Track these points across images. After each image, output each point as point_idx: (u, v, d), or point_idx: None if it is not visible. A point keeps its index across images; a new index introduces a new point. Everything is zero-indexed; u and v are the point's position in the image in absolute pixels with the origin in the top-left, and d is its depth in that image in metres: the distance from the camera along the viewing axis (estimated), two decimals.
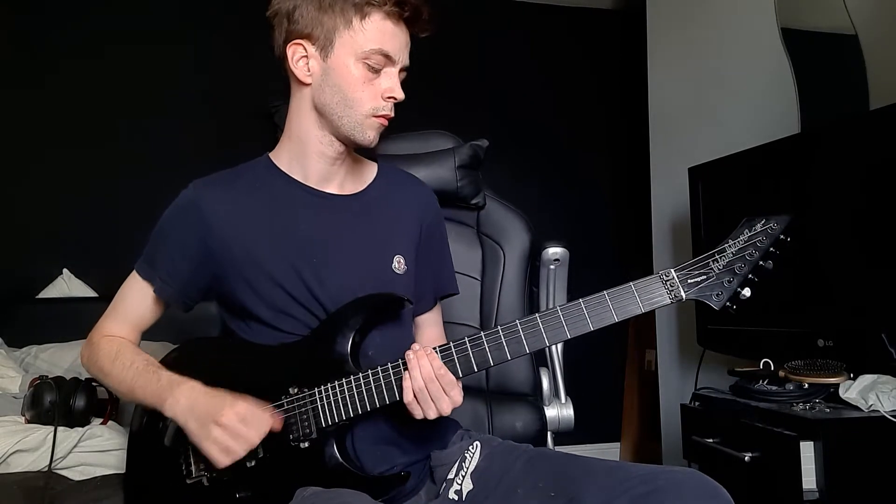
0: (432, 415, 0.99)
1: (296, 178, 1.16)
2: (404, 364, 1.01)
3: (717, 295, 0.96)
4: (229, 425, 0.98)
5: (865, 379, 1.42)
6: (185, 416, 1.02)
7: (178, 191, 1.19)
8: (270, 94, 2.31)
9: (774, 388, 1.51)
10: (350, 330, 1.06)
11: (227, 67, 2.75)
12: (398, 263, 1.17)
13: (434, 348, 1.01)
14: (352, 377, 1.03)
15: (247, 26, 2.75)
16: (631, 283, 0.98)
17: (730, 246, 0.98)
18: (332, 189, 1.18)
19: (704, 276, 0.97)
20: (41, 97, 2.55)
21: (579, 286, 1.88)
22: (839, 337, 1.53)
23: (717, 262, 0.97)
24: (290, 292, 1.10)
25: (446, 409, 0.99)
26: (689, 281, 0.97)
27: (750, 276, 0.96)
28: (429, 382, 0.98)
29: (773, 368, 1.61)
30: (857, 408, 1.38)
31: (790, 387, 1.50)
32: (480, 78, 3.08)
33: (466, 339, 1.01)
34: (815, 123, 1.88)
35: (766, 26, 2.06)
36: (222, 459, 0.99)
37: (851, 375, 1.47)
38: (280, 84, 1.19)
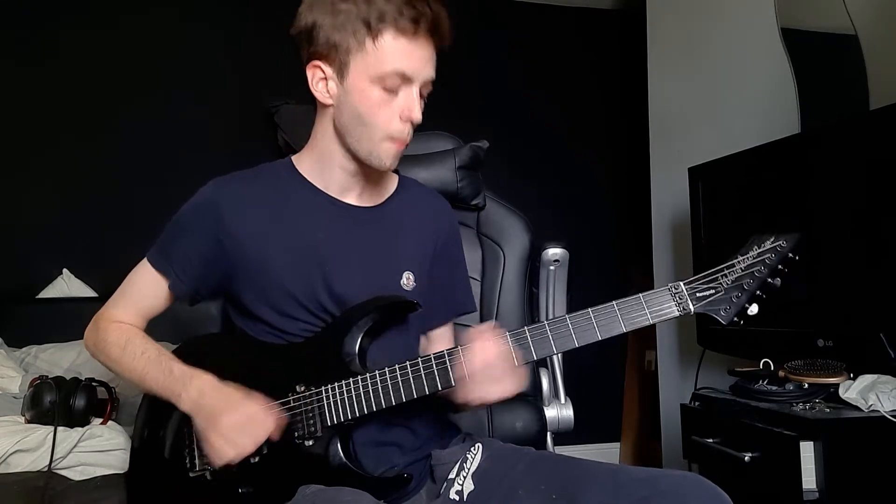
0: (476, 401, 1.01)
1: (316, 185, 1.16)
2: (412, 365, 1.02)
3: (725, 310, 0.97)
4: (227, 430, 0.99)
5: (865, 379, 1.42)
6: (196, 412, 1.03)
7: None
8: (270, 94, 2.32)
9: (774, 388, 1.51)
10: (359, 331, 1.07)
11: (228, 67, 2.75)
12: (407, 280, 1.16)
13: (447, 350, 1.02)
14: (358, 377, 1.03)
15: (247, 26, 2.76)
16: (640, 295, 0.98)
17: (739, 262, 0.98)
18: (350, 200, 1.17)
19: (713, 291, 0.97)
20: (41, 97, 2.55)
21: (579, 287, 1.89)
22: (839, 337, 1.53)
23: (727, 276, 0.97)
24: (296, 297, 1.10)
25: (492, 398, 1.01)
26: (697, 294, 0.97)
27: (758, 292, 0.97)
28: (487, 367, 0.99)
29: (773, 368, 1.61)
30: (857, 408, 1.38)
31: (790, 387, 1.50)
32: (480, 78, 3.08)
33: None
34: (815, 123, 1.88)
35: (766, 26, 2.06)
36: (216, 461, 1.01)
37: (851, 375, 1.47)
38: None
